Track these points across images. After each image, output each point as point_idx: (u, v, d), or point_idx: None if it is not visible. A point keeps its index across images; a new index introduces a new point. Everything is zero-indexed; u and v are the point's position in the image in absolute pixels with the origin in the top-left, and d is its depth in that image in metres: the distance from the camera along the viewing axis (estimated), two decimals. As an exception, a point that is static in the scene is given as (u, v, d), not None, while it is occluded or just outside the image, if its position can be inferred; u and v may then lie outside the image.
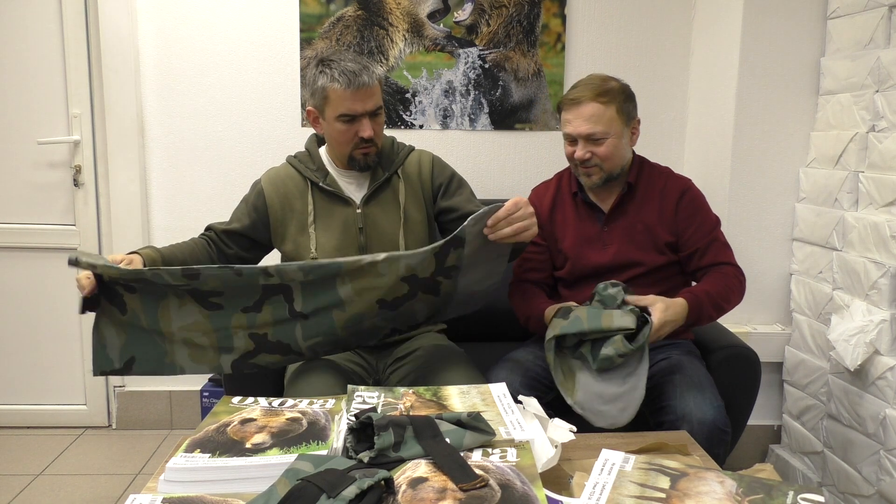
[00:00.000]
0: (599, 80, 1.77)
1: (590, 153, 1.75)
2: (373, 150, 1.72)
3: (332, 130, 1.71)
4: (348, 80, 1.63)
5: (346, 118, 1.67)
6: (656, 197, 1.83)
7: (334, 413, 1.23)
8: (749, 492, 1.00)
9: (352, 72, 1.64)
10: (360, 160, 1.73)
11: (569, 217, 1.88)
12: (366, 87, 1.64)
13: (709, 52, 2.51)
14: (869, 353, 1.92)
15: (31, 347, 2.69)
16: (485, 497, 0.94)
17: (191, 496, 0.99)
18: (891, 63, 1.95)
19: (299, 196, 1.77)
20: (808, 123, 2.35)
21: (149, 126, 2.57)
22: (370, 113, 1.68)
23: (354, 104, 1.65)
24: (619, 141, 1.75)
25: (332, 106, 1.67)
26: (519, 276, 1.93)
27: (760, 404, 2.37)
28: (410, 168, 1.82)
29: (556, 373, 1.60)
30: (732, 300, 1.76)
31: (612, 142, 1.74)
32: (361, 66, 1.66)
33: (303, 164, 1.80)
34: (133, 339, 1.52)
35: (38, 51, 2.54)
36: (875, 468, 1.92)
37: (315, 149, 1.82)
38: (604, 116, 1.72)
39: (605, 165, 1.76)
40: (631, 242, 1.81)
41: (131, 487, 2.28)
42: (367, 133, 1.67)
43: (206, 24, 2.52)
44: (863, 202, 2.05)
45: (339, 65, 1.65)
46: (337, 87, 1.64)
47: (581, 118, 1.73)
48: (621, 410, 1.51)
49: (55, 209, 2.63)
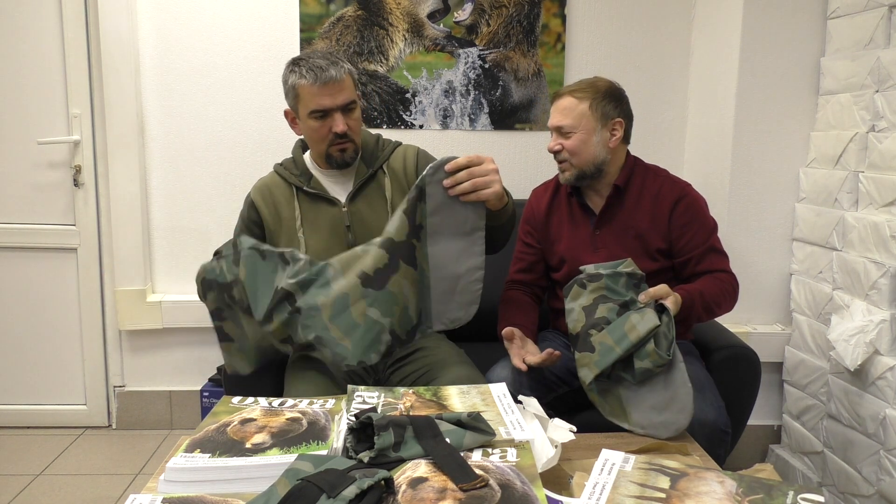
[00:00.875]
0: (590, 80, 1.80)
1: (560, 145, 1.78)
2: (349, 146, 1.71)
3: (307, 129, 1.71)
4: (315, 76, 1.63)
5: (318, 114, 1.66)
6: (649, 202, 1.81)
7: (334, 413, 1.23)
8: (749, 492, 1.00)
9: (319, 67, 1.63)
10: (337, 157, 1.72)
11: (564, 218, 1.89)
12: (333, 81, 1.64)
13: (709, 52, 2.51)
14: (869, 353, 1.92)
15: (31, 347, 2.69)
16: (485, 497, 0.94)
17: (191, 496, 0.99)
18: (891, 63, 1.95)
19: (286, 203, 1.77)
20: (808, 123, 2.35)
21: (149, 126, 2.57)
22: (342, 108, 1.67)
23: (323, 99, 1.64)
24: (588, 137, 1.76)
25: (303, 103, 1.67)
26: (510, 277, 1.94)
27: (760, 404, 2.37)
28: (396, 163, 1.81)
29: (604, 408, 1.50)
30: (724, 305, 1.74)
31: (579, 136, 1.76)
32: (330, 61, 1.65)
33: (287, 170, 1.80)
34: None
35: (38, 51, 2.54)
36: (875, 468, 1.92)
37: (300, 154, 1.83)
38: (574, 111, 1.75)
39: (574, 160, 1.78)
40: (622, 248, 1.79)
41: (131, 487, 2.28)
42: (339, 128, 1.66)
43: (206, 24, 2.52)
44: (863, 202, 2.05)
45: (308, 62, 1.65)
46: (304, 83, 1.64)
47: (556, 111, 1.79)
48: (679, 412, 1.41)
49: (55, 209, 2.63)
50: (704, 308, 1.69)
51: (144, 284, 2.60)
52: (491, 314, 2.26)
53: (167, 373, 2.71)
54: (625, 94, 1.82)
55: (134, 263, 2.58)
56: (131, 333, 2.67)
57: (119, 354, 2.70)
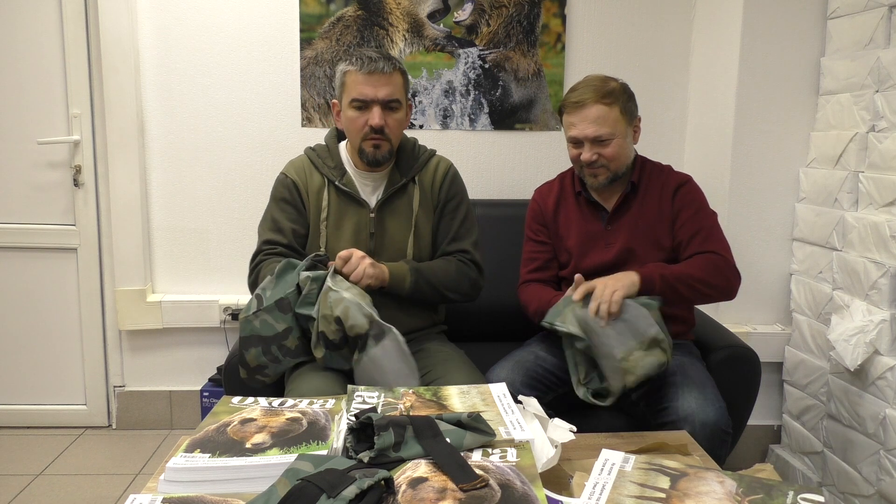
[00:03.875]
0: (600, 82, 1.77)
1: (597, 154, 1.75)
2: (384, 144, 1.70)
3: (346, 120, 1.72)
4: (362, 63, 1.66)
5: (358, 103, 1.67)
6: (656, 194, 1.84)
7: (334, 413, 1.23)
8: (749, 492, 1.00)
9: (369, 57, 1.67)
10: (370, 153, 1.71)
11: (572, 216, 1.89)
12: (380, 72, 1.65)
13: (709, 52, 2.51)
14: (869, 353, 1.92)
15: (31, 347, 2.69)
16: (485, 497, 0.94)
17: (191, 496, 0.99)
18: (891, 63, 1.95)
19: (317, 191, 1.77)
20: (808, 123, 2.35)
21: (149, 126, 2.57)
22: (383, 102, 1.67)
23: (366, 88, 1.65)
24: (623, 141, 1.77)
25: (347, 91, 1.69)
26: (524, 279, 1.93)
27: (760, 404, 2.37)
28: (427, 176, 1.81)
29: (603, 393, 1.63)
30: (713, 282, 1.71)
31: (617, 142, 1.75)
32: (383, 55, 1.68)
33: (321, 159, 1.79)
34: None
35: (38, 51, 2.54)
36: (875, 468, 1.92)
37: (334, 144, 1.82)
38: (609, 118, 1.73)
39: (612, 165, 1.77)
40: (634, 240, 1.81)
41: (131, 487, 2.28)
42: (375, 121, 1.66)
43: (206, 23, 2.52)
44: (863, 202, 2.05)
45: (360, 51, 1.70)
46: (352, 69, 1.67)
47: (587, 121, 1.74)
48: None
49: (55, 209, 2.63)
50: (679, 283, 1.68)
51: (144, 284, 2.60)
52: (491, 315, 2.27)
53: (167, 373, 2.71)
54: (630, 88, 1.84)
55: (134, 263, 2.58)
56: (131, 333, 2.66)
57: (119, 354, 2.70)
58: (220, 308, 2.60)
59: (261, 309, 1.58)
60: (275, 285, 1.59)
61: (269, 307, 1.58)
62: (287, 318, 1.58)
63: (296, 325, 1.59)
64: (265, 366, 1.61)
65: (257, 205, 1.82)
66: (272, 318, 1.58)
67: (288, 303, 1.58)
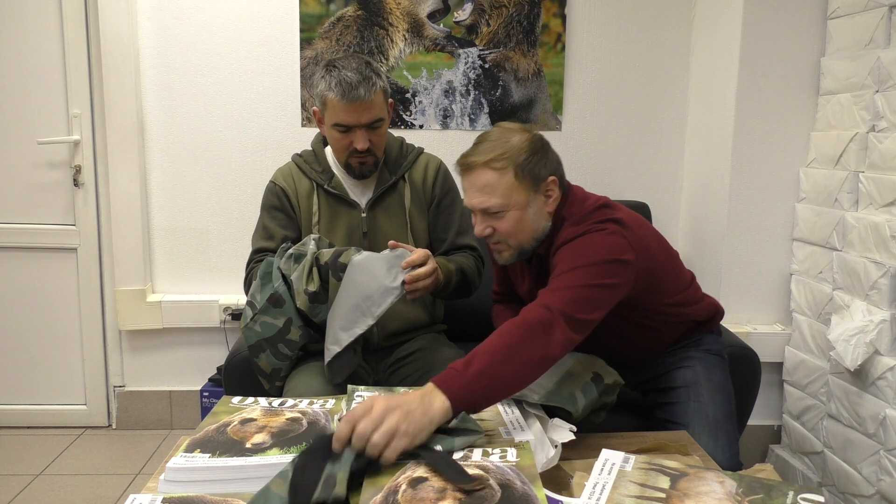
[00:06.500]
0: (497, 137, 1.43)
1: (490, 228, 1.44)
2: (370, 160, 1.70)
3: (330, 137, 1.71)
4: (343, 92, 1.59)
5: (341, 128, 1.65)
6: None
7: (334, 413, 1.23)
8: (749, 492, 1.00)
9: (349, 83, 1.59)
10: (356, 168, 1.71)
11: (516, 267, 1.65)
12: (360, 100, 1.59)
13: (709, 52, 2.51)
14: (869, 353, 1.92)
15: (31, 347, 2.69)
16: (485, 497, 0.94)
17: (191, 496, 0.99)
18: (891, 63, 1.95)
19: (306, 196, 1.77)
20: (808, 123, 2.35)
21: (149, 126, 2.57)
22: (366, 125, 1.65)
23: (348, 116, 1.62)
24: (523, 213, 1.43)
25: (328, 113, 1.66)
26: (494, 290, 1.84)
27: (760, 404, 2.37)
28: (417, 173, 1.82)
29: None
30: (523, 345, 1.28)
31: (513, 215, 1.42)
32: (362, 77, 1.60)
33: (308, 164, 1.79)
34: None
35: (38, 51, 2.54)
36: (875, 468, 1.92)
37: (321, 149, 1.82)
38: (499, 186, 1.40)
39: (511, 241, 1.46)
40: None
41: (131, 487, 2.28)
42: (360, 145, 1.65)
43: (206, 24, 2.52)
44: (863, 202, 2.05)
45: (340, 73, 1.60)
46: (332, 96, 1.61)
47: (474, 188, 1.42)
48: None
49: (55, 209, 2.63)
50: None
51: (144, 284, 2.60)
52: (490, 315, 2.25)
53: (167, 373, 2.71)
54: (544, 138, 1.48)
55: (134, 263, 2.58)
56: (131, 333, 2.67)
57: (119, 354, 2.70)
58: (219, 308, 2.60)
59: (256, 313, 1.60)
60: (261, 287, 1.61)
61: (263, 307, 1.59)
62: (284, 311, 1.59)
63: (295, 314, 1.59)
64: (280, 369, 1.63)
65: (257, 205, 1.82)
66: (270, 317, 1.59)
67: (279, 295, 1.59)
